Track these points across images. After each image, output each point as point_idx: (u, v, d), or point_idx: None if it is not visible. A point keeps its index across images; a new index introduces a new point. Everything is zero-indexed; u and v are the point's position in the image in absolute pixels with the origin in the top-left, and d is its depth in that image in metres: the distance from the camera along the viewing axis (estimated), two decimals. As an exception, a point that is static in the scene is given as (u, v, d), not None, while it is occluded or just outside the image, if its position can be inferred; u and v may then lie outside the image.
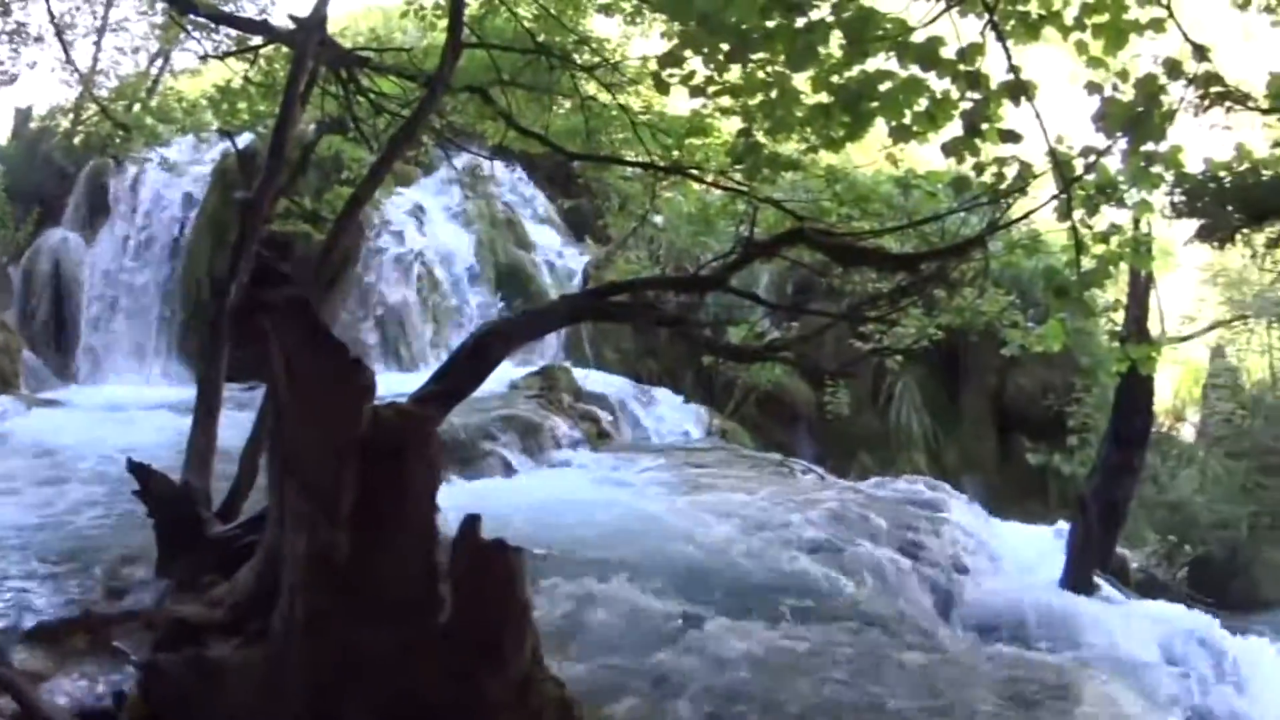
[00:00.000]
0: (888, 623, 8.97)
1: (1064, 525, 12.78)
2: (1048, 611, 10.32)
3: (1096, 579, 11.94)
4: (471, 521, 3.97)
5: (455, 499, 9.96)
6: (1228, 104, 6.93)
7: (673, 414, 16.07)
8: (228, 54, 13.46)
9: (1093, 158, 6.10)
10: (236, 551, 6.27)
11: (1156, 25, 6.17)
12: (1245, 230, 7.39)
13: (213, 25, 13.50)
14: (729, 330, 12.47)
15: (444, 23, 10.88)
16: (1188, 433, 22.20)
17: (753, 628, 8.03)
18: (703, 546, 9.60)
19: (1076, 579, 11.64)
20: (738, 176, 9.50)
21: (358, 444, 3.99)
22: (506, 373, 15.44)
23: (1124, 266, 10.43)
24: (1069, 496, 13.68)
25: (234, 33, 13.31)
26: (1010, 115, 6.18)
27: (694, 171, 11.49)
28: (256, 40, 12.51)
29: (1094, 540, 12.29)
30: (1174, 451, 19.74)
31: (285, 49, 11.51)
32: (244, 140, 14.07)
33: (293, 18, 9.74)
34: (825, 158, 9.88)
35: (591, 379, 16.18)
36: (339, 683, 4.04)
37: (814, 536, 10.28)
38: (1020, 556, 11.92)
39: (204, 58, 15.63)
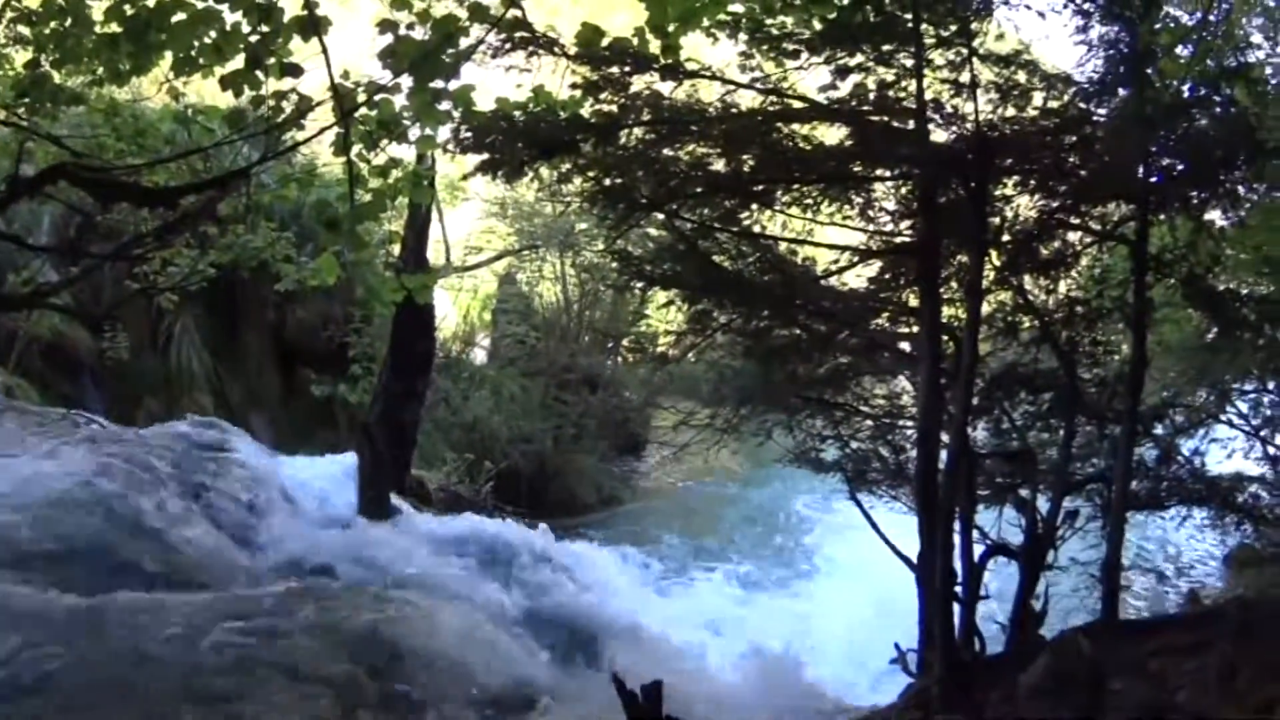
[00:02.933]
0: (184, 573, 8.75)
1: (353, 454, 12.94)
2: (349, 540, 10.38)
3: (395, 501, 12.18)
4: None
5: None
6: (531, 49, 7.10)
7: (-45, 375, 14.63)
8: None
9: (372, 93, 6.09)
10: None
11: (490, -23, 6.27)
12: (536, 165, 7.64)
13: None
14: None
15: None
16: (479, 356, 22.98)
17: (31, 595, 7.58)
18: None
19: (371, 505, 11.85)
20: (22, 112, 8.78)
21: None
22: None
23: (405, 200, 10.65)
24: (359, 424, 13.85)
25: None
26: (302, 50, 6.08)
27: (-22, 108, 10.42)
28: None
29: (384, 465, 12.54)
30: (465, 374, 20.47)
31: None
32: None
33: None
34: (114, 92, 9.42)
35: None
36: None
37: (98, 493, 9.69)
38: (315, 489, 11.91)
39: None
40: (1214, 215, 7.49)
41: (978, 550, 7.27)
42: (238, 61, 6.04)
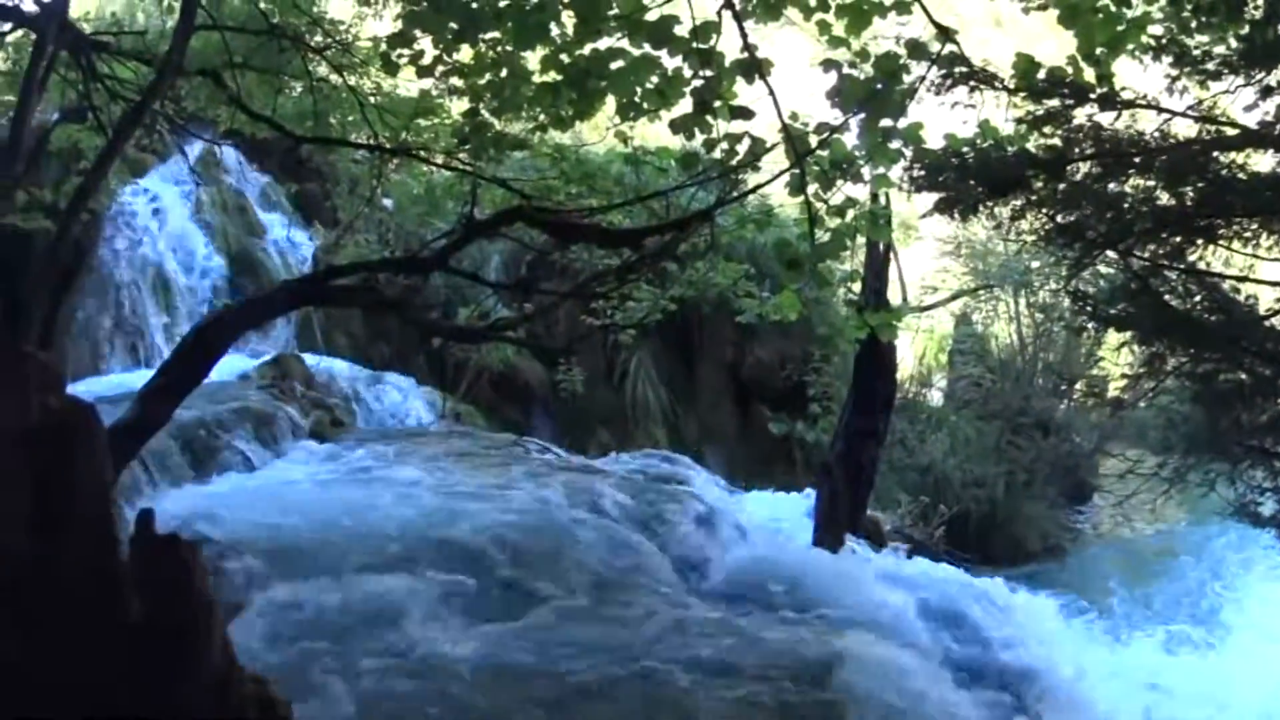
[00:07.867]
0: (640, 600, 9.00)
1: (811, 491, 13.01)
2: (802, 576, 10.42)
3: (849, 541, 12.16)
4: (145, 517, 3.73)
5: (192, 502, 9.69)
6: (972, 83, 7.06)
7: (405, 398, 15.85)
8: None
9: (827, 134, 6.16)
10: None
11: (901, 7, 6.30)
12: (989, 203, 7.56)
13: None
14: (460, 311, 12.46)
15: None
16: (935, 398, 22.74)
17: (494, 613, 8.05)
18: (443, 532, 9.51)
19: (826, 542, 11.87)
20: (464, 156, 9.39)
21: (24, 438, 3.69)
22: (238, 363, 15.07)
23: (862, 239, 10.71)
24: (815, 463, 13.93)
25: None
26: (744, 92, 6.24)
27: (420, 152, 11.35)
28: (5, 27, 11.82)
29: (841, 503, 12.54)
30: (922, 416, 20.30)
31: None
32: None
33: (36, 1, 9.37)
34: (555, 136, 9.93)
35: (323, 366, 15.85)
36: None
37: (552, 516, 10.27)
38: (769, 524, 12.04)
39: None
40: None
41: None
42: (684, 105, 6.24)
